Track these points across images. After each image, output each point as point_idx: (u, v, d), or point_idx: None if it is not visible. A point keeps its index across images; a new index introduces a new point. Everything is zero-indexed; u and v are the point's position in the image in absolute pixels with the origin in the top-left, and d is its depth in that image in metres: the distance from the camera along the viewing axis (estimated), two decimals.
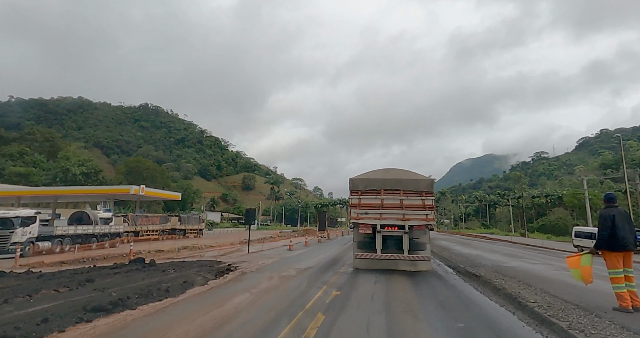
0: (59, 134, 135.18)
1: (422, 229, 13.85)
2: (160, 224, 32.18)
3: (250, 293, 9.07)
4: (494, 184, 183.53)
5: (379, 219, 13.80)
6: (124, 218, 28.22)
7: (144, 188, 28.47)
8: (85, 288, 9.33)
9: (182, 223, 36.45)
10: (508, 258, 19.81)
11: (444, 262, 17.80)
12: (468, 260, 17.68)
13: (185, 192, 75.34)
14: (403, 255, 13.48)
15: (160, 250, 21.42)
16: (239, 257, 18.33)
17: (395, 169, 15.59)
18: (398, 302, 8.29)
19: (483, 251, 24.91)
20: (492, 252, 23.87)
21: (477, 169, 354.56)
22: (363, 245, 14.13)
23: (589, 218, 39.63)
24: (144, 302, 7.71)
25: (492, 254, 22.19)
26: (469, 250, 25.10)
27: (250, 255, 19.26)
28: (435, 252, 22.25)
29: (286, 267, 14.63)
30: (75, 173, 50.82)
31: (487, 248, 28.69)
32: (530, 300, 7.97)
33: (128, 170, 65.89)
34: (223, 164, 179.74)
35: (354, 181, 14.51)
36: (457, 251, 24.03)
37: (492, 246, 31.74)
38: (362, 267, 14.26)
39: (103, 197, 33.37)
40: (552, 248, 30.28)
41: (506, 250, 27.06)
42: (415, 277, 12.50)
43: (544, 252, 26.14)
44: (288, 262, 16.68)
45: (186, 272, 12.30)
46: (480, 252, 23.54)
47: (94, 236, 24.07)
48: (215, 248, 24.99)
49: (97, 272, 12.29)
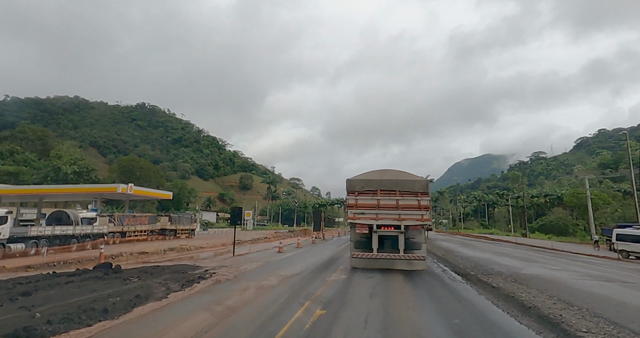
0: (53, 132, 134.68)
1: (417, 229, 14.18)
2: (148, 224, 31.00)
3: (210, 314, 7.53)
4: (492, 184, 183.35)
5: (376, 219, 14.10)
6: (110, 218, 26.96)
7: (132, 187, 27.40)
8: (12, 304, 7.95)
9: (173, 224, 35.33)
10: (522, 263, 18.16)
11: (449, 267, 16.22)
12: (478, 266, 16.25)
13: (180, 192, 74.41)
14: (399, 255, 13.81)
15: (143, 252, 20.28)
16: (222, 261, 17.08)
17: (392, 169, 15.91)
18: (400, 329, 6.61)
19: (490, 254, 23.27)
20: (501, 255, 22.26)
21: (475, 169, 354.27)
22: (360, 245, 14.45)
23: (591, 218, 38.90)
24: (65, 329, 6.15)
25: (503, 258, 20.66)
26: (475, 253, 23.54)
27: (235, 259, 18.01)
28: (438, 255, 21.17)
29: (269, 273, 13.30)
30: (66, 172, 49.73)
31: (493, 250, 27.28)
32: (582, 328, 6.00)
33: (121, 169, 64.90)
34: (220, 163, 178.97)
35: (351, 182, 14.79)
36: (462, 254, 22.46)
37: (498, 248, 30.28)
38: (359, 266, 14.81)
39: (89, 196, 32.12)
40: (563, 251, 28.46)
41: (515, 252, 25.32)
42: (419, 287, 11.20)
43: (557, 255, 24.46)
44: (273, 267, 15.25)
45: (151, 280, 10.99)
46: (488, 255, 21.94)
47: (74, 237, 22.65)
48: (205, 249, 24.04)
49: (48, 281, 10.87)
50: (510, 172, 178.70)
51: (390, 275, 13.28)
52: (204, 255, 20.44)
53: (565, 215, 62.57)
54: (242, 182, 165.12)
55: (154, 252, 20.66)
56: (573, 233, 52.76)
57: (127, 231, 28.26)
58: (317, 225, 41.41)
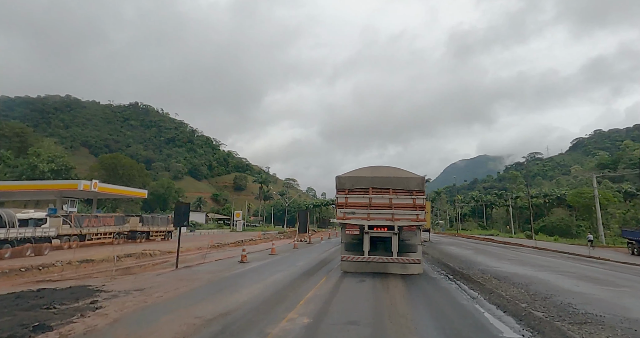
0: (43, 132, 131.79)
1: (412, 230, 13.51)
2: (115, 226, 28.09)
3: None
4: (488, 185, 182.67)
5: (367, 219, 13.30)
6: (64, 219, 23.85)
7: (97, 183, 24.80)
8: None
9: (145, 225, 32.22)
10: (596, 285, 12.72)
11: (484, 295, 10.46)
12: (540, 299, 9.90)
13: (166, 191, 72.12)
14: (392, 258, 13.07)
15: (87, 260, 16.63)
16: (149, 279, 12.42)
17: (385, 166, 15.13)
18: None
19: (529, 267, 17.66)
20: (546, 269, 16.76)
21: (471, 169, 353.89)
22: (350, 247, 13.73)
23: (599, 218, 37.26)
24: None
25: (556, 275, 14.67)
26: (505, 265, 18.04)
27: (172, 275, 13.62)
28: (455, 269, 15.65)
29: (185, 311, 8.27)
30: (43, 170, 47.39)
31: (519, 259, 22.07)
32: None
33: (103, 167, 62.52)
34: (214, 163, 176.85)
35: (341, 179, 13.92)
36: (490, 267, 17.00)
37: (525, 255, 24.88)
38: (349, 270, 14.09)
39: (48, 193, 29.28)
40: (608, 260, 23.05)
41: (561, 264, 19.80)
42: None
43: (611, 267, 19.13)
44: (212, 291, 10.65)
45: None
46: (528, 270, 16.32)
47: (7, 242, 19.14)
48: (173, 253, 20.91)
49: None
50: (507, 172, 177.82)
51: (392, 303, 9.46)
52: (163, 263, 17.32)
53: (566, 216, 61.04)
54: (236, 182, 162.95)
55: (104, 259, 17.39)
56: (577, 234, 51.18)
57: (87, 234, 25.30)
58: (302, 226, 37.53)
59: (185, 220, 16.11)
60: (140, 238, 31.10)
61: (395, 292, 10.88)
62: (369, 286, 11.65)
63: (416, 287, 11.76)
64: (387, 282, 12.35)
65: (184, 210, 16.28)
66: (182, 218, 16.23)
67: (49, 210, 25.45)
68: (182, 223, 16.37)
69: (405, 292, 10.97)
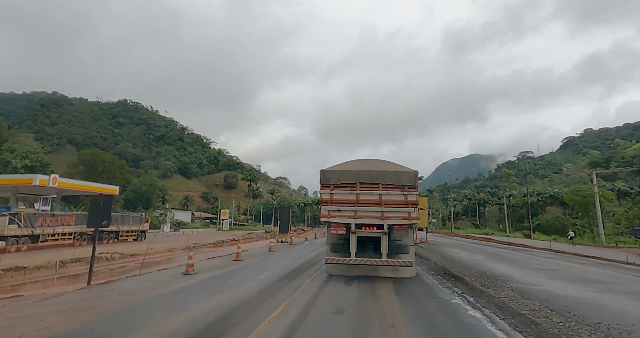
0: (28, 129, 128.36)
1: (404, 229, 12.43)
2: (76, 225, 25.46)
3: None
4: (479, 183, 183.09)
5: (354, 217, 12.20)
6: (11, 218, 21.18)
7: (57, 178, 22.39)
8: None
9: (113, 224, 29.35)
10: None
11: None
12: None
13: (149, 189, 69.89)
14: (381, 260, 11.88)
15: (20, 267, 13.73)
16: (10, 311, 8.05)
17: (374, 159, 14.07)
18: None
19: (578, 283, 12.59)
20: (605, 288, 11.90)
21: (463, 168, 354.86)
22: (336, 248, 12.62)
23: (599, 216, 36.19)
24: None
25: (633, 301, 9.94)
26: (541, 280, 12.99)
27: (76, 295, 9.87)
28: (476, 287, 10.93)
29: None
30: (16, 166, 45.16)
31: (551, 268, 17.33)
32: None
33: (82, 164, 60.05)
34: (205, 162, 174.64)
35: (326, 173, 12.74)
36: (523, 283, 11.89)
37: (542, 259, 21.24)
38: (334, 273, 13.02)
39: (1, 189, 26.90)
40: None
41: (601, 274, 15.71)
42: None
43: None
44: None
45: None
46: (583, 290, 11.30)
47: None
48: (139, 256, 18.20)
49: None
50: (498, 171, 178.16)
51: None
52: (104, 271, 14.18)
53: (561, 214, 60.30)
54: (227, 180, 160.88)
55: (42, 266, 14.34)
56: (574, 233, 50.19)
57: (40, 234, 22.66)
58: (284, 225, 33.78)
59: (104, 218, 11.61)
60: (108, 239, 28.65)
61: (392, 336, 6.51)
62: (349, 322, 7.39)
63: (429, 326, 7.19)
64: (382, 310, 8.33)
65: (103, 205, 11.61)
66: (101, 216, 11.52)
67: (3, 208, 23.13)
68: (101, 223, 11.67)
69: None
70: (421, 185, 29.57)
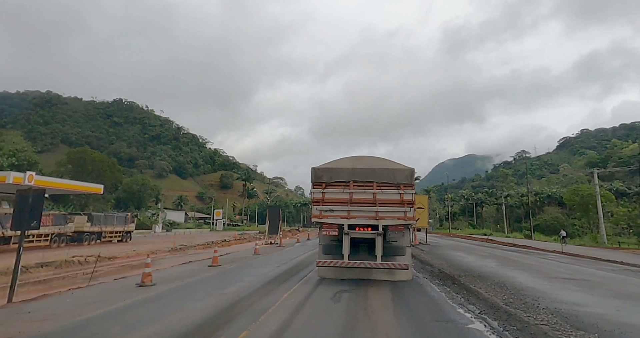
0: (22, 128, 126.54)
1: (399, 230, 11.82)
2: (53, 226, 24.24)
3: None
4: (476, 184, 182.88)
5: (347, 218, 11.62)
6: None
7: (33, 176, 21.16)
8: None
9: (95, 225, 28.34)
10: None
11: None
12: None
13: (141, 189, 68.86)
14: (376, 262, 11.31)
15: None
16: None
17: (368, 156, 13.42)
18: None
19: (622, 298, 10.13)
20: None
21: (459, 169, 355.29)
22: (328, 250, 12.05)
23: (600, 216, 35.50)
24: None
25: None
26: (577, 295, 10.41)
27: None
28: (500, 306, 8.54)
29: None
30: (2, 165, 44.12)
31: (578, 277, 14.31)
32: None
33: (70, 162, 58.96)
34: (200, 161, 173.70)
35: (317, 171, 12.13)
36: (560, 301, 9.20)
37: (559, 264, 19.16)
38: (326, 276, 12.51)
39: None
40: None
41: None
42: None
43: None
44: None
45: None
46: (630, 308, 8.92)
47: None
48: (118, 260, 17.28)
49: None
50: (495, 171, 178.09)
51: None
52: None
53: (560, 214, 59.83)
54: (223, 180, 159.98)
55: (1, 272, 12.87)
56: (572, 234, 49.70)
57: (12, 236, 21.10)
58: (273, 226, 32.03)
59: (33, 218, 9.16)
60: (89, 241, 27.38)
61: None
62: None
63: None
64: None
65: (32, 202, 9.16)
66: (29, 215, 9.05)
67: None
68: (29, 225, 9.19)
69: None
70: (418, 186, 28.92)
